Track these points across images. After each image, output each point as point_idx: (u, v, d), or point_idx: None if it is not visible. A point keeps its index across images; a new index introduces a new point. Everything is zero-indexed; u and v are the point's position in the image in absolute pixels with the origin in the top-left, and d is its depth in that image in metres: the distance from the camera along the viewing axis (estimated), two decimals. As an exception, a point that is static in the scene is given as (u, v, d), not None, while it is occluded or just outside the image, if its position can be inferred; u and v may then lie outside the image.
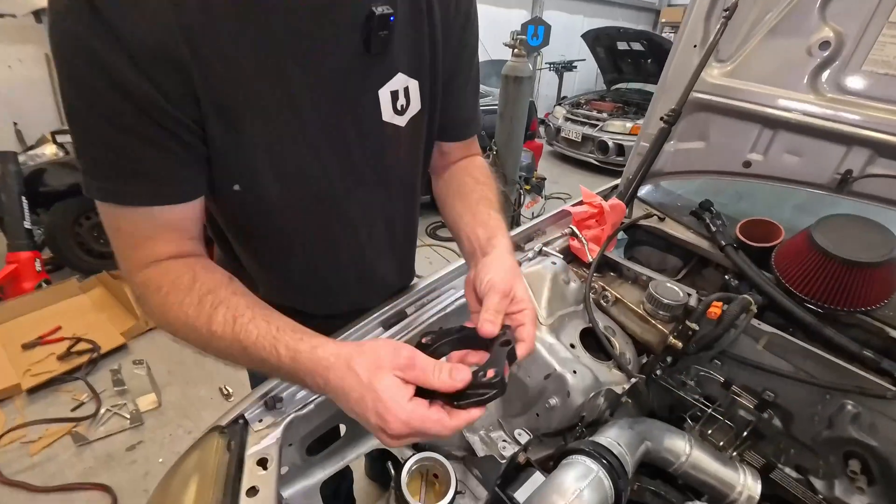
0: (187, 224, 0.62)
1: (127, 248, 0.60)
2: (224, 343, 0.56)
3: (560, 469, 0.72)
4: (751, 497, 0.89)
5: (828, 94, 1.11)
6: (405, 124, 0.74)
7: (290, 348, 0.53)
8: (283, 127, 0.62)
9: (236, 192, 0.65)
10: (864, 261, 0.89)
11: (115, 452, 2.01)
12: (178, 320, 0.57)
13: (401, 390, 0.48)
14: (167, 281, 0.58)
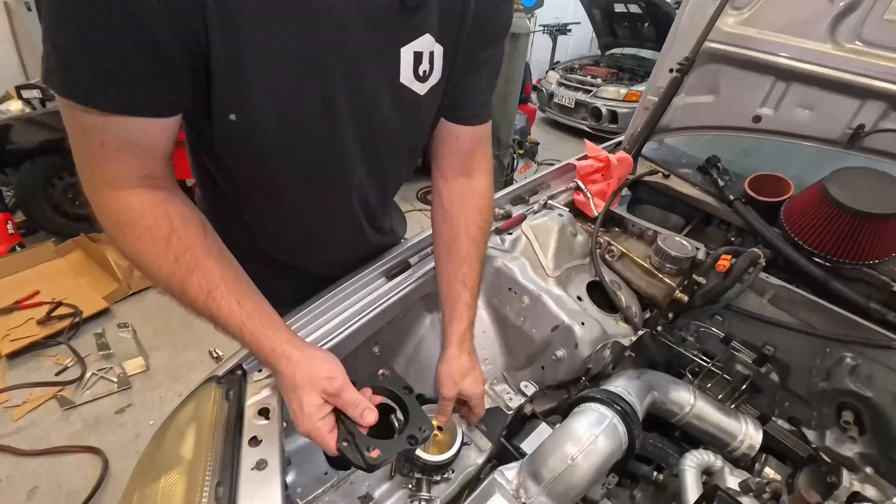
0: (161, 143, 0.57)
1: (93, 159, 0.55)
2: (196, 307, 0.60)
3: (572, 417, 0.71)
4: (752, 445, 0.90)
5: (846, 45, 1.06)
6: (424, 93, 0.68)
7: (255, 339, 0.60)
8: (291, 58, 0.56)
9: (232, 123, 0.58)
10: (876, 212, 0.87)
11: (104, 415, 1.97)
12: (152, 269, 0.59)
13: (318, 410, 0.59)
14: (142, 225, 0.57)
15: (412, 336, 0.98)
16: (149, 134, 0.55)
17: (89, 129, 0.52)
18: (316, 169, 0.69)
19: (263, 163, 0.66)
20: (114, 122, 0.51)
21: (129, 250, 0.58)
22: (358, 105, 0.64)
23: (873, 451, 0.98)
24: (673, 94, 1.24)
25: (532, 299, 0.91)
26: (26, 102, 3.02)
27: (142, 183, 0.57)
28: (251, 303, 0.61)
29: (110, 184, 0.55)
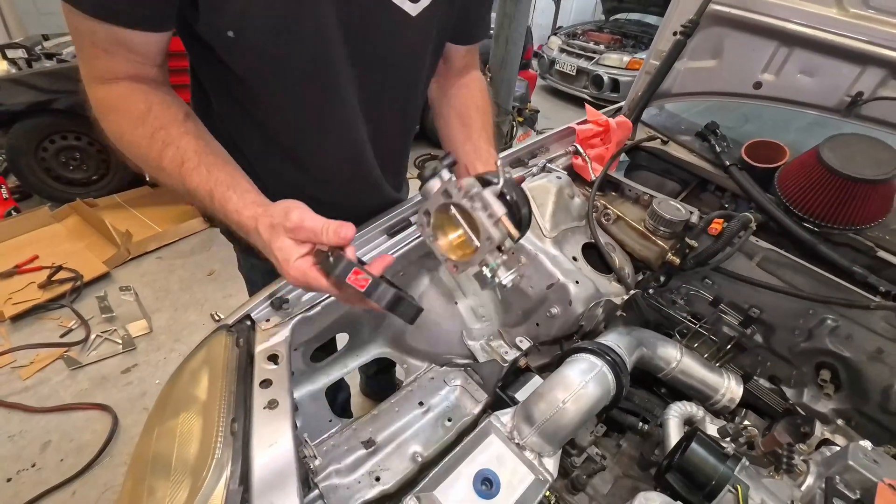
0: (148, 50, 0.61)
1: (87, 56, 0.60)
2: (171, 180, 0.62)
3: (565, 365, 0.75)
4: (732, 399, 0.96)
5: (851, 9, 1.05)
6: (416, 14, 0.67)
7: (221, 205, 0.61)
8: None
9: (230, 40, 0.60)
10: (865, 177, 0.90)
11: (110, 375, 2.03)
12: (131, 147, 0.62)
13: (293, 251, 0.57)
14: (122, 105, 0.60)
15: (413, 293, 1.01)
16: (134, 43, 0.58)
17: (83, 30, 0.56)
18: (311, 93, 0.70)
19: (262, 86, 0.67)
20: (101, 27, 0.55)
21: (112, 132, 0.62)
22: (350, 24, 0.65)
23: (847, 406, 1.05)
24: (675, 57, 1.23)
25: (529, 258, 0.94)
26: (11, 62, 2.93)
27: (129, 78, 0.61)
28: (221, 172, 0.62)
29: (100, 77, 0.60)
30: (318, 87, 0.69)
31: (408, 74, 0.77)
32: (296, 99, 0.70)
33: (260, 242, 0.59)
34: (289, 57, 0.64)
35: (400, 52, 0.72)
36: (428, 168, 0.62)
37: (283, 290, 0.75)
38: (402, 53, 0.73)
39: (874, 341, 0.96)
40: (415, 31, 0.70)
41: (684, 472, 0.67)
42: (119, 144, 0.62)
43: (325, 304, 0.77)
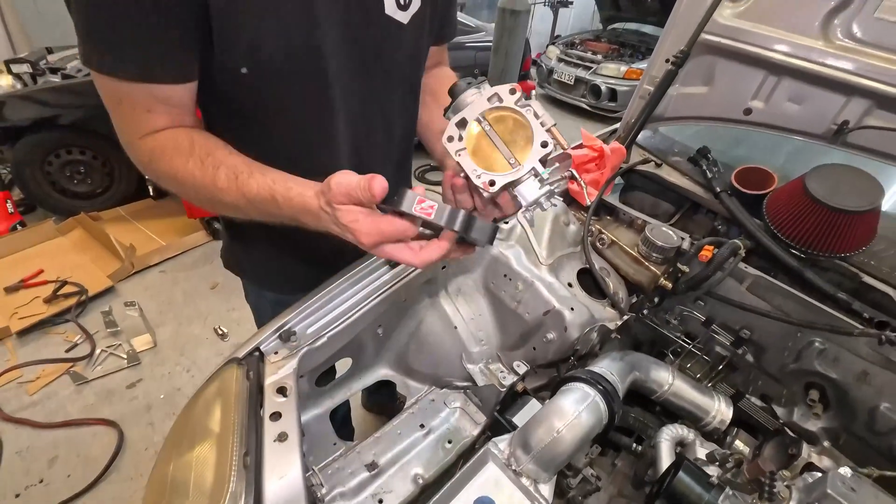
0: (184, 101, 0.65)
1: (126, 119, 0.63)
2: (231, 197, 0.63)
3: (559, 394, 0.78)
4: (723, 420, 0.99)
5: (837, 41, 1.09)
6: (408, 21, 0.72)
7: (284, 196, 0.61)
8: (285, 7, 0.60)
9: (245, 77, 0.64)
10: (850, 208, 0.93)
11: (116, 389, 2.06)
12: (186, 181, 0.64)
13: (355, 211, 0.56)
14: (169, 146, 0.63)
15: (414, 316, 1.05)
16: (172, 98, 0.62)
17: (122, 95, 0.60)
18: (313, 111, 0.72)
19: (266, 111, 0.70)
20: (141, 88, 0.59)
21: (166, 174, 0.65)
22: (352, 41, 0.68)
23: (835, 425, 1.08)
24: (668, 85, 1.27)
25: (525, 285, 0.97)
26: (16, 77, 2.97)
27: (170, 128, 0.65)
28: (273, 173, 0.64)
29: (143, 134, 0.63)
30: (320, 105, 0.72)
31: (407, 80, 0.82)
32: (298, 119, 0.73)
33: (328, 219, 0.58)
34: (297, 82, 0.68)
35: (398, 59, 0.77)
36: (461, 82, 0.60)
37: (290, 323, 0.79)
38: (399, 61, 0.77)
39: (860, 364, 1.00)
40: (408, 38, 0.75)
41: (671, 500, 0.70)
42: (174, 183, 0.66)
43: (331, 335, 0.81)
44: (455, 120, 0.58)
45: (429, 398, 1.03)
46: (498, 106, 0.57)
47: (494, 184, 0.56)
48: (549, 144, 0.56)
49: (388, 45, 0.73)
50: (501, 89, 0.58)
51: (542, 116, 0.56)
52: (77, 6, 0.54)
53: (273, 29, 0.60)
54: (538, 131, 0.56)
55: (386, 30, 0.71)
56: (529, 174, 0.57)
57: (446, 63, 0.97)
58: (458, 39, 3.70)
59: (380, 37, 0.71)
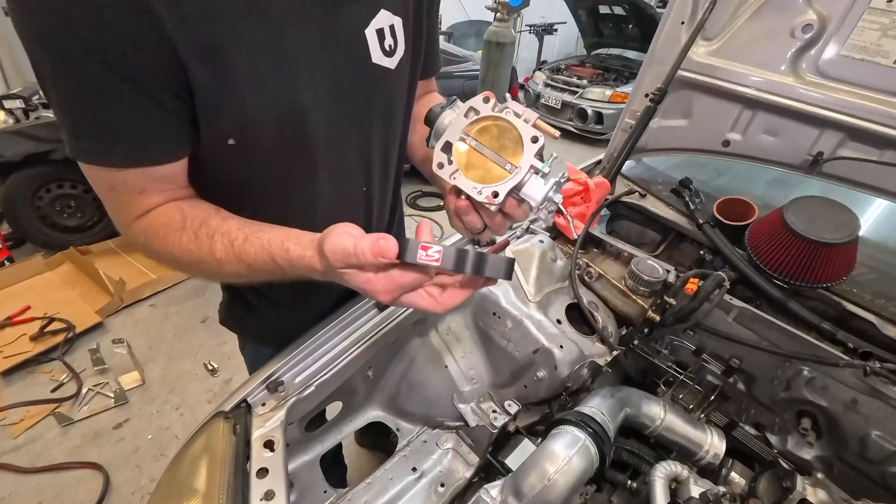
0: (179, 176, 0.64)
1: (120, 205, 0.62)
2: (231, 266, 0.61)
3: (550, 438, 0.78)
4: (716, 455, 0.99)
5: (807, 77, 1.14)
6: (395, 67, 0.72)
7: (283, 258, 0.59)
8: (273, 67, 0.59)
9: (232, 148, 0.61)
10: (829, 241, 0.95)
11: (102, 430, 2.00)
12: (184, 257, 0.62)
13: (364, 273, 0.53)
14: (161, 224, 0.62)
15: (404, 357, 1.05)
16: (167, 175, 0.61)
17: (113, 183, 0.59)
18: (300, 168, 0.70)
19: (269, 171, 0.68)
20: (132, 173, 0.58)
21: (162, 255, 0.63)
22: (341, 96, 0.67)
23: (829, 453, 1.08)
24: (647, 121, 1.31)
25: (514, 323, 0.98)
26: (9, 113, 2.99)
27: (163, 203, 0.63)
28: (269, 232, 0.61)
29: (137, 216, 0.62)
30: (306, 166, 0.71)
31: (394, 123, 0.81)
32: (283, 182, 0.71)
33: (338, 278, 0.55)
34: (285, 147, 0.66)
35: (386, 107, 0.76)
36: (435, 107, 0.59)
37: (278, 373, 0.78)
38: (387, 108, 0.77)
39: (848, 392, 1.00)
40: (396, 84, 0.75)
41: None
42: (174, 262, 0.63)
43: (320, 382, 0.80)
44: (439, 145, 0.58)
45: (421, 439, 1.02)
46: (476, 119, 0.56)
47: (498, 194, 0.56)
48: (539, 138, 0.55)
49: (377, 94, 0.73)
50: (475, 101, 0.57)
51: (524, 113, 0.55)
52: (58, 103, 0.53)
53: (260, 98, 0.59)
54: (524, 129, 0.55)
55: (374, 79, 0.70)
56: (530, 173, 0.56)
57: (435, 90, 0.98)
58: (447, 69, 3.79)
59: (368, 87, 0.71)
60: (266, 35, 0.57)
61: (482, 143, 0.57)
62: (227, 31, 0.53)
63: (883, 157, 1.08)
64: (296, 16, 0.58)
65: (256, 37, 0.56)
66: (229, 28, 0.54)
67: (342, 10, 0.62)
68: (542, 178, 0.56)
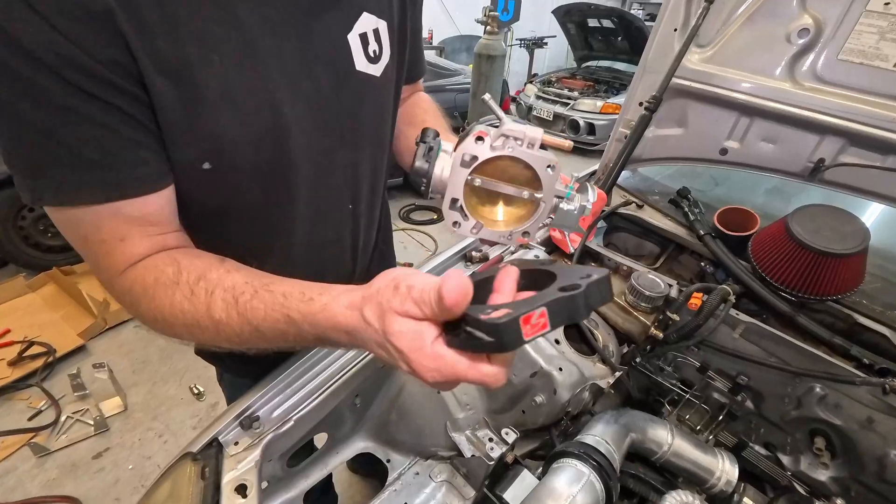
0: (163, 214, 0.54)
1: (99, 256, 0.52)
2: (233, 329, 0.50)
3: (551, 473, 0.72)
4: (729, 481, 0.92)
5: (804, 83, 1.11)
6: (381, 74, 0.67)
7: (303, 313, 0.47)
8: (247, 79, 0.52)
9: (206, 173, 0.54)
10: (837, 252, 0.91)
11: (80, 461, 1.90)
12: (175, 319, 0.51)
13: (418, 335, 0.40)
14: (150, 280, 0.51)
15: (394, 383, 0.98)
16: (148, 213, 0.52)
17: (88, 227, 0.50)
18: (281, 191, 0.63)
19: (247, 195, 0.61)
20: (109, 212, 0.49)
21: (151, 315, 0.52)
22: (325, 110, 0.62)
23: (844, 474, 1.02)
24: (643, 130, 1.27)
25: (511, 345, 0.92)
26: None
27: (150, 251, 0.53)
28: (285, 285, 0.50)
29: (121, 270, 0.52)
30: (285, 187, 0.64)
31: (384, 138, 0.77)
32: (260, 205, 0.64)
33: (371, 336, 0.43)
34: (264, 168, 0.59)
35: (375, 118, 0.71)
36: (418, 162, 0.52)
37: (253, 407, 0.72)
38: (376, 119, 0.72)
39: (863, 411, 0.95)
40: (381, 92, 0.70)
41: None
42: (163, 325, 0.53)
43: (299, 416, 0.74)
44: (447, 205, 0.53)
45: (413, 471, 0.95)
46: (478, 165, 0.51)
47: (528, 233, 0.54)
48: (554, 165, 0.51)
49: (364, 107, 0.68)
50: (468, 146, 0.51)
51: (525, 137, 0.50)
52: (7, 139, 0.45)
53: (236, 118, 0.53)
54: (535, 159, 0.50)
55: (358, 88, 0.65)
56: (555, 203, 0.53)
57: (421, 89, 0.93)
58: (438, 82, 3.79)
59: (354, 99, 0.65)
60: (240, 47, 0.51)
61: (491, 180, 0.52)
62: (195, 43, 0.48)
63: (886, 163, 1.04)
64: (271, 25, 0.53)
65: (228, 50, 0.50)
66: (197, 40, 0.48)
67: (321, 14, 0.57)
68: (566, 203, 0.54)
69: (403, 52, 0.73)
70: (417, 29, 0.77)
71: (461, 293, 0.37)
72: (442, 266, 1.03)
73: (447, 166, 0.54)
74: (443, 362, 0.39)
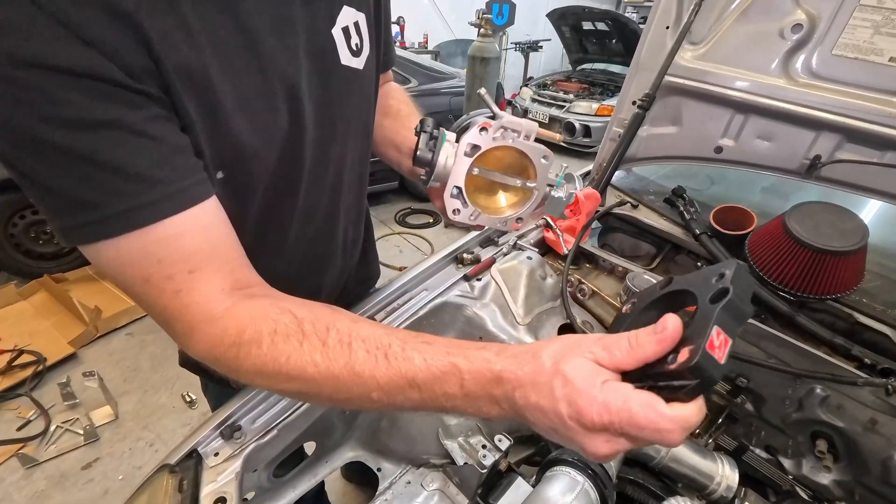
0: (228, 243, 0.49)
1: (171, 300, 0.45)
2: (377, 384, 0.44)
3: (545, 482, 0.69)
4: (729, 487, 0.90)
5: (799, 79, 1.10)
6: (363, 67, 0.67)
7: (475, 373, 0.42)
8: (257, 83, 0.52)
9: (220, 181, 0.53)
10: (837, 249, 0.89)
11: (69, 472, 1.87)
12: (304, 372, 0.45)
13: (595, 371, 0.37)
14: (266, 328, 0.46)
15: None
16: (211, 238, 0.47)
17: (146, 270, 0.44)
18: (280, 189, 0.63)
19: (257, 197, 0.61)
20: (166, 243, 0.43)
21: (266, 370, 0.46)
22: (319, 107, 0.62)
23: (848, 478, 0.99)
24: (637, 128, 1.26)
25: (504, 349, 0.89)
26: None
27: (237, 297, 0.48)
28: (441, 341, 0.46)
29: (203, 318, 0.46)
30: (295, 184, 0.65)
31: (364, 123, 0.77)
32: (271, 205, 0.64)
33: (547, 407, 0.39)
34: (280, 170, 0.60)
35: (361, 110, 0.72)
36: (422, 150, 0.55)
37: (235, 416, 0.69)
38: (359, 108, 0.72)
39: (866, 412, 0.93)
40: (364, 83, 0.70)
41: None
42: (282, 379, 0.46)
43: (283, 425, 0.71)
44: (449, 192, 0.56)
45: (404, 480, 0.93)
46: (479, 154, 0.55)
47: (521, 219, 0.59)
48: (548, 155, 0.55)
49: (350, 100, 0.68)
50: (472, 136, 0.54)
51: (522, 128, 0.53)
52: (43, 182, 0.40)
53: (251, 123, 0.51)
54: (531, 150, 0.54)
55: (345, 82, 0.65)
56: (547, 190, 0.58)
57: (391, 79, 0.93)
58: (433, 86, 3.78)
59: (342, 93, 0.66)
60: (244, 50, 0.50)
61: (490, 170, 0.56)
62: (211, 49, 0.46)
63: (884, 159, 1.03)
64: (269, 22, 0.52)
65: (237, 54, 0.49)
66: (212, 46, 0.46)
67: (308, 9, 0.56)
68: (557, 190, 0.59)
69: (380, 43, 0.73)
70: (387, 16, 0.76)
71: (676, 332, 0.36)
72: (434, 267, 1.01)
73: (451, 155, 0.56)
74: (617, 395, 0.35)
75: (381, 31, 0.72)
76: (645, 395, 0.35)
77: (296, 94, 0.57)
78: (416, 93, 3.72)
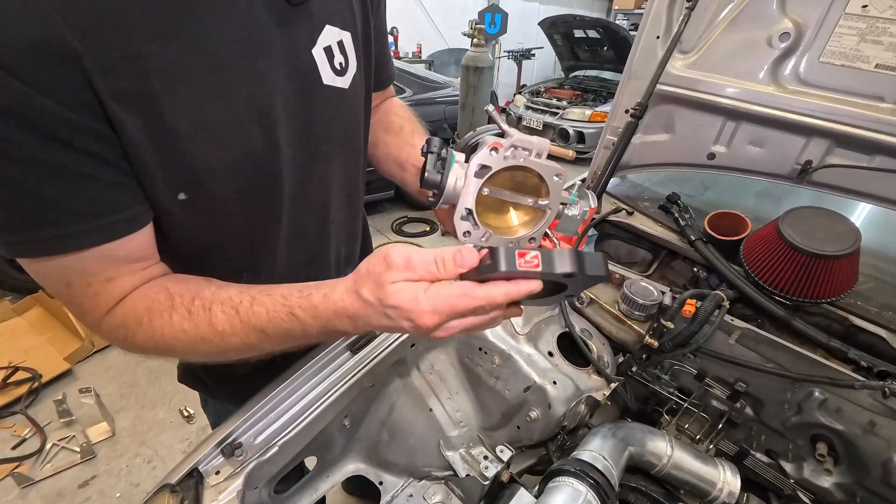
0: (147, 248, 0.54)
1: (85, 299, 0.51)
2: (238, 338, 0.52)
3: (547, 493, 0.69)
4: (731, 493, 0.90)
5: (788, 86, 1.11)
6: (349, 86, 0.66)
7: (305, 307, 0.50)
8: (220, 105, 0.52)
9: (183, 203, 0.54)
10: (830, 253, 0.90)
11: (66, 490, 1.84)
12: (177, 341, 0.52)
13: (412, 288, 0.45)
14: (143, 309, 0.53)
15: (384, 401, 0.95)
16: (134, 250, 0.52)
17: (70, 275, 0.49)
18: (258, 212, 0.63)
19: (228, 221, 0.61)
20: (93, 256, 0.48)
21: (149, 345, 0.53)
22: (297, 126, 0.61)
23: (849, 480, 1.00)
24: (630, 137, 1.27)
25: (503, 359, 0.90)
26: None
27: (137, 285, 0.54)
28: (279, 288, 0.53)
29: (109, 308, 0.52)
30: (270, 206, 0.64)
31: (357, 148, 0.76)
32: (242, 231, 0.63)
33: (373, 311, 0.47)
34: (244, 190, 0.59)
35: (346, 129, 0.71)
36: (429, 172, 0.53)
37: (235, 433, 0.69)
38: (347, 131, 0.71)
39: (865, 415, 0.93)
40: (350, 103, 0.69)
41: None
42: (164, 348, 0.54)
43: (284, 441, 0.71)
44: (459, 215, 0.55)
45: (406, 493, 0.92)
46: (491, 175, 0.53)
47: (535, 239, 0.57)
48: (561, 173, 0.53)
49: (334, 120, 0.67)
50: (483, 157, 0.52)
51: (533, 147, 0.51)
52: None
53: (209, 145, 0.52)
54: (544, 168, 0.52)
55: (328, 103, 0.65)
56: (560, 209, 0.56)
57: (393, 94, 0.93)
58: (427, 95, 3.81)
59: (324, 114, 0.65)
60: (206, 73, 0.50)
61: (501, 189, 0.54)
62: (160, 76, 0.47)
63: (873, 163, 1.04)
64: (241, 46, 0.52)
65: (200, 78, 0.50)
66: (162, 73, 0.47)
67: (284, 31, 0.57)
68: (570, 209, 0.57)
69: (370, 59, 0.73)
70: (382, 33, 0.77)
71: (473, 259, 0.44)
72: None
73: (461, 177, 0.54)
74: (436, 301, 0.43)
75: (371, 48, 0.72)
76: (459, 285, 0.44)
77: (269, 115, 0.56)
78: (411, 102, 3.74)
